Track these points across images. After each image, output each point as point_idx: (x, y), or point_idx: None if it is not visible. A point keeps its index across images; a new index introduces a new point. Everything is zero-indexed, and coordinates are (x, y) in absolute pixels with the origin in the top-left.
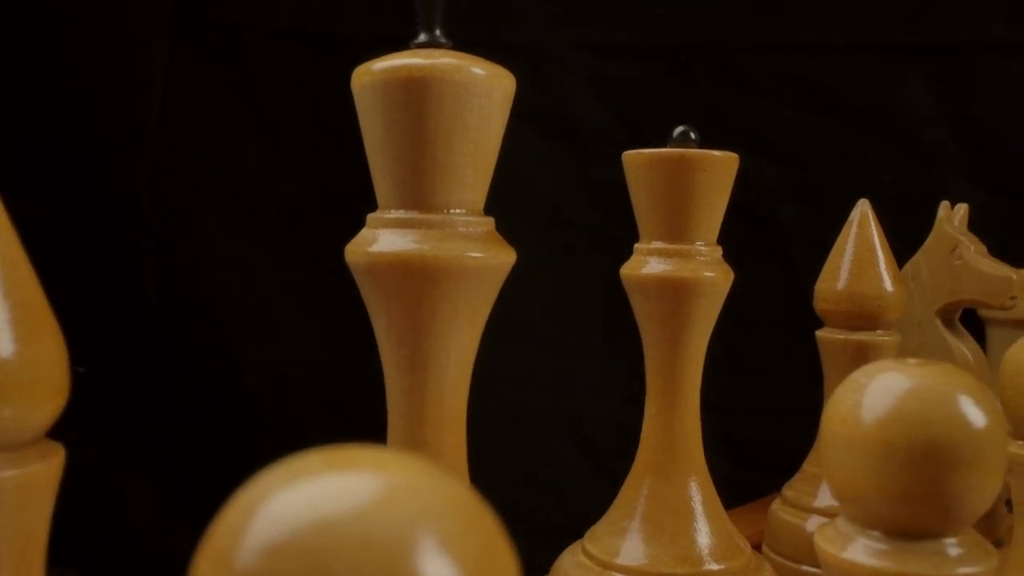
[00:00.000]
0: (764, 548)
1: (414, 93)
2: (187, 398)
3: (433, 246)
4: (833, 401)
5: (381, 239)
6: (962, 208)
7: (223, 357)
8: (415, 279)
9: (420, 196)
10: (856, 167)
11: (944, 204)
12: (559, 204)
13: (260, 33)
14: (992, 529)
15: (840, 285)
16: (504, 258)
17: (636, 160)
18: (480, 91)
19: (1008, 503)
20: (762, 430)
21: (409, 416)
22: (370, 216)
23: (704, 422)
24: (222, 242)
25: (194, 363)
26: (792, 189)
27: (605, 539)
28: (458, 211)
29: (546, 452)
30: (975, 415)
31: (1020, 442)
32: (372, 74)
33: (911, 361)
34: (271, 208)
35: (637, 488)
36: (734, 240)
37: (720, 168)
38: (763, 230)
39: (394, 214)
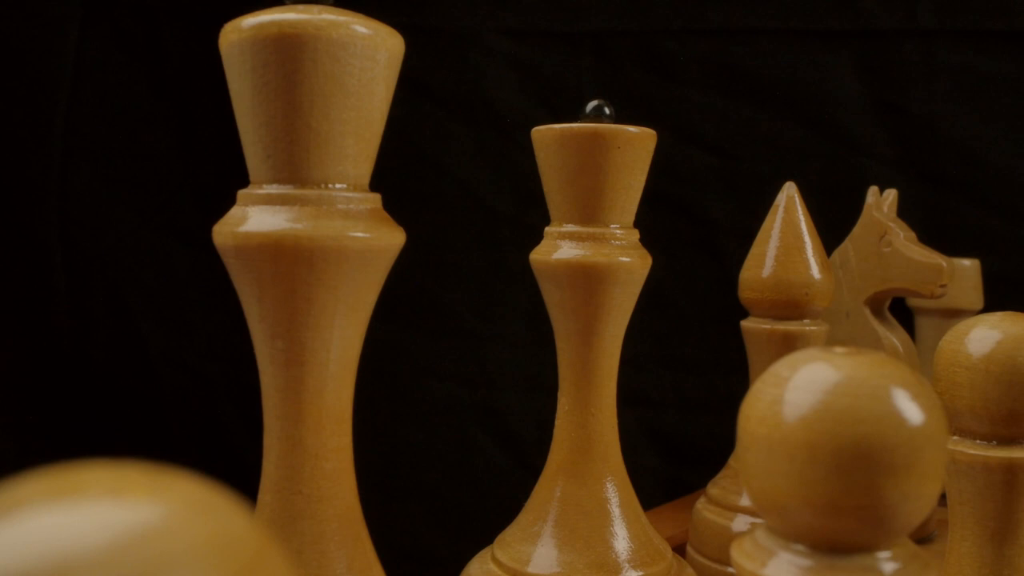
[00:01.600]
0: (689, 549)
1: (286, 52)
2: (98, 393)
3: (308, 225)
4: (751, 397)
5: (251, 218)
6: (891, 194)
7: (135, 352)
8: (288, 262)
9: (294, 169)
10: (784, 154)
11: (873, 189)
12: (482, 192)
13: (175, 17)
14: (923, 523)
15: (765, 273)
16: (390, 239)
17: (546, 136)
18: (361, 51)
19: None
20: (694, 424)
21: (285, 417)
22: (240, 192)
23: (634, 417)
24: (134, 233)
25: (105, 358)
26: (719, 177)
27: (515, 545)
28: (338, 186)
29: (471, 447)
30: (912, 411)
31: (956, 438)
32: (240, 31)
33: (839, 350)
34: (185, 198)
35: (549, 490)
36: (661, 230)
37: (636, 145)
38: (690, 219)
39: (266, 189)
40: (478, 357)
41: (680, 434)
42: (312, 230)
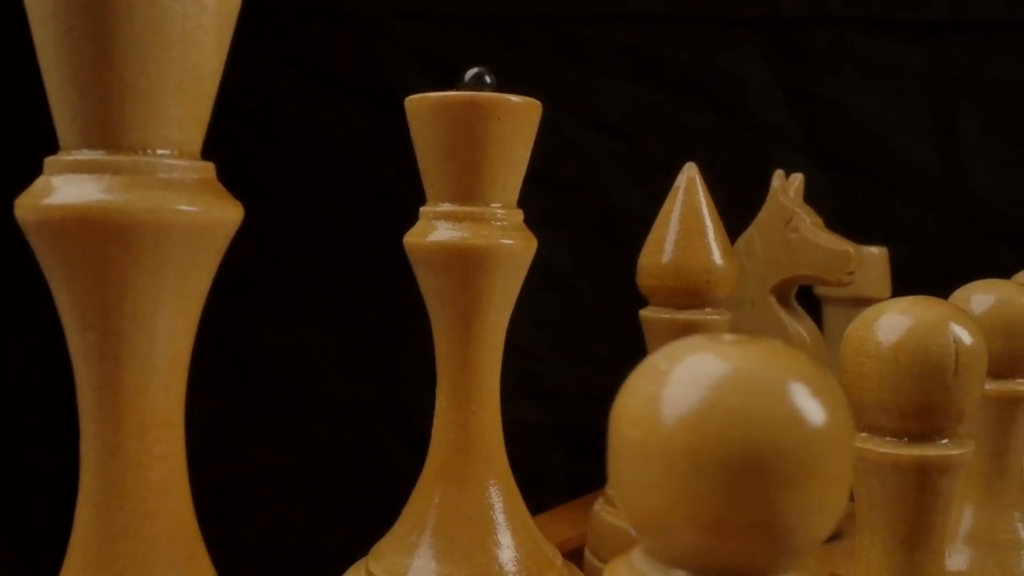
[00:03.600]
0: (587, 552)
1: None
2: None
3: (121, 196)
4: (623, 395)
5: (56, 188)
6: (797, 178)
7: None
8: (97, 240)
9: (106, 131)
10: (692, 141)
11: (779, 173)
12: (384, 180)
13: None
14: None
15: (665, 259)
16: (223, 214)
17: (419, 106)
18: None
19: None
20: (601, 418)
21: (102, 420)
22: (48, 160)
23: (538, 411)
24: None
25: None
26: (626, 164)
27: (391, 557)
28: (160, 152)
29: (375, 446)
30: (813, 409)
31: (864, 435)
32: None
33: (728, 338)
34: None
35: (427, 497)
36: (566, 217)
37: (518, 116)
38: (596, 206)
39: (74, 156)
40: (383, 351)
41: (586, 428)
42: (125, 203)
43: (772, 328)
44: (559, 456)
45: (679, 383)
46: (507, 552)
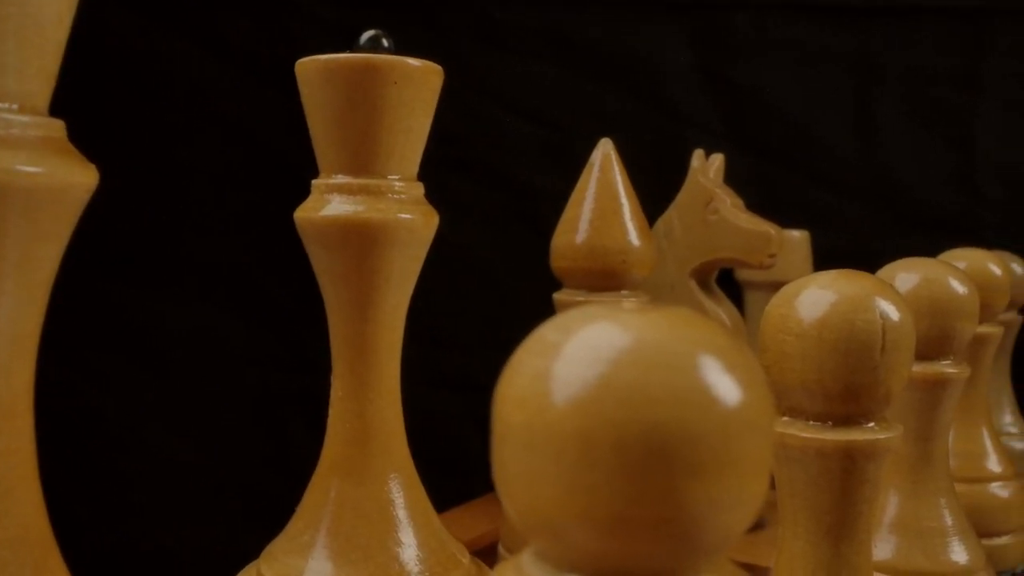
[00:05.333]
0: (500, 547)
1: None
2: None
3: None
4: (508, 372)
5: None
6: (717, 159)
7: None
8: None
9: None
10: (613, 125)
11: (698, 153)
12: (298, 164)
13: None
14: None
15: (579, 239)
16: (72, 177)
17: (309, 69)
18: None
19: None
20: None
21: None
22: None
23: (461, 402)
24: None
25: None
26: (547, 149)
27: (283, 559)
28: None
29: (289, 437)
30: (726, 387)
31: (785, 419)
32: None
33: (629, 306)
34: None
35: (322, 492)
36: (486, 203)
37: (417, 81)
38: (517, 193)
39: None
40: (295, 340)
41: None
42: None
43: None
44: (482, 449)
45: (571, 358)
46: (409, 551)
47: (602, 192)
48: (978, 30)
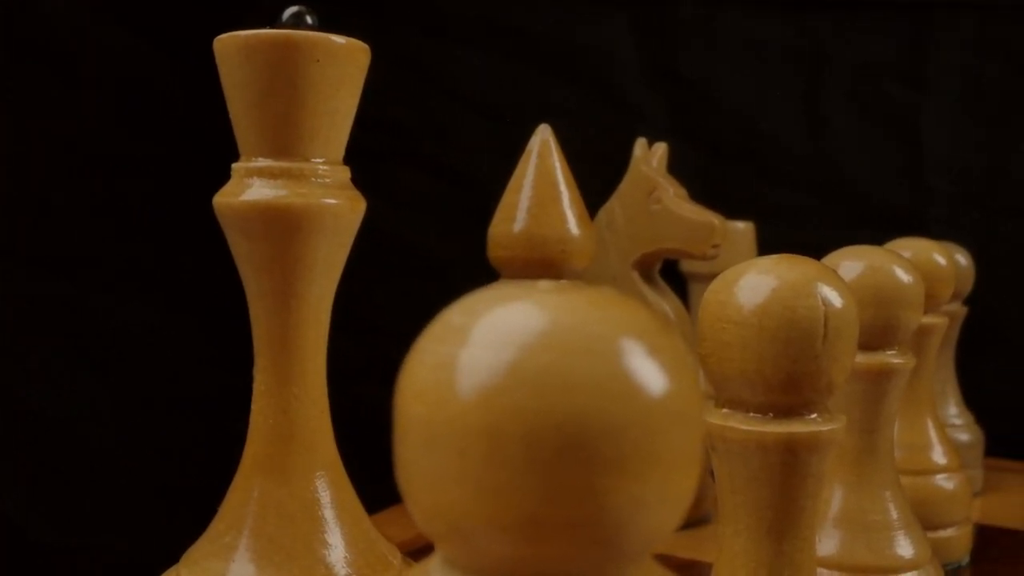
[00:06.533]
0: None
1: None
2: None
3: None
4: (409, 361)
5: None
6: (660, 147)
7: None
8: None
9: None
10: (557, 116)
11: (641, 142)
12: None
13: None
14: (697, 502)
15: (517, 227)
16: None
17: (228, 46)
18: None
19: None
20: None
21: None
22: None
23: None
24: None
25: None
26: (491, 140)
27: (203, 562)
28: None
29: (231, 435)
30: (651, 373)
31: (725, 411)
32: None
33: (544, 285)
34: None
35: (244, 492)
36: (434, 195)
37: (342, 59)
38: (460, 185)
39: None
40: (238, 338)
41: None
42: None
43: None
44: None
45: (478, 343)
46: (336, 552)
47: (540, 179)
48: (922, 23)
